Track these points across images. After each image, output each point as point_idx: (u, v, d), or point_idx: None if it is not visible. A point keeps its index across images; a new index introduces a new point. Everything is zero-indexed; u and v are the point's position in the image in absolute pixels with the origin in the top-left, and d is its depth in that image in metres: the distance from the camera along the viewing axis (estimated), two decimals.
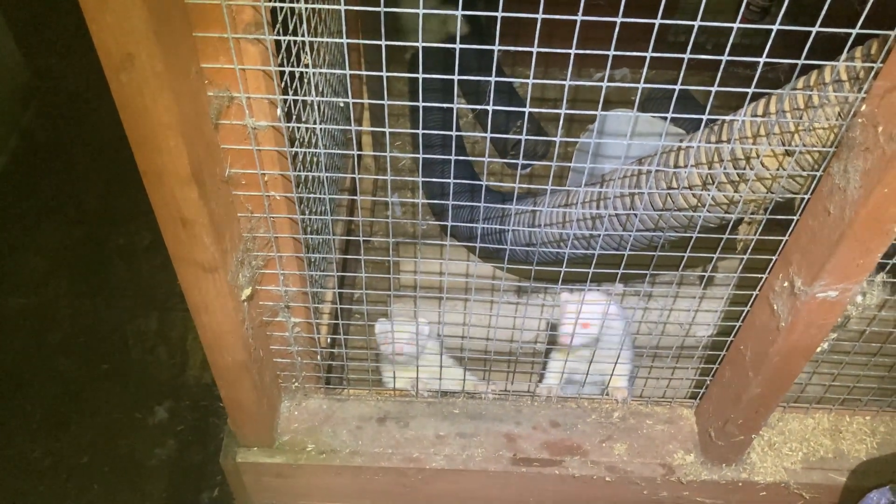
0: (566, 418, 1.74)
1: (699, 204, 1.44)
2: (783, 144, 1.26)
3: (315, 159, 1.58)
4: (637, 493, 1.69)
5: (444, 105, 1.32)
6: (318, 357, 1.65)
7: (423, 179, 1.19)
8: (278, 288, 1.44)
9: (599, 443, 1.69)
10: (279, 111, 1.17)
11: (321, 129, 1.60)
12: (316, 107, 1.16)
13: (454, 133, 1.12)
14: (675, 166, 1.47)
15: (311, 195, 1.30)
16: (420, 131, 1.13)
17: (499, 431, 1.71)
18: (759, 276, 1.39)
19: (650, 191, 1.51)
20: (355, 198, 1.25)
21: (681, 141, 1.55)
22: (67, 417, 2.47)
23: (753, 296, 1.42)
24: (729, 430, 1.56)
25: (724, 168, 1.35)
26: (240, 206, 1.27)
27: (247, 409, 1.56)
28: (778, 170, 1.30)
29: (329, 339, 1.88)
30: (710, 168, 1.39)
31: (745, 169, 1.33)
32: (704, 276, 1.51)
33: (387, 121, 1.10)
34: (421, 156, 1.18)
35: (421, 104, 1.08)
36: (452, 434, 1.70)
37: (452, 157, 1.17)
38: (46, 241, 3.00)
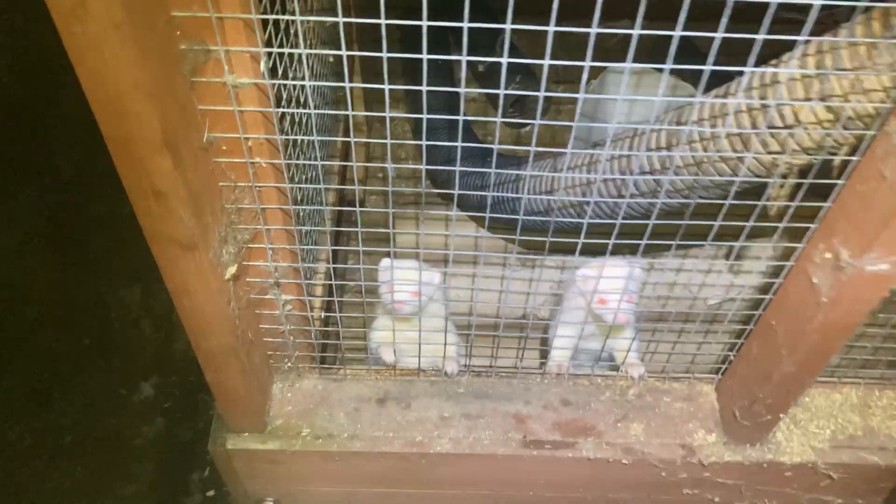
0: (578, 396, 1.62)
1: (737, 164, 1.30)
2: (828, 100, 1.12)
3: (304, 121, 1.44)
4: (655, 476, 1.58)
5: (444, 57, 1.17)
6: (312, 335, 1.52)
7: (428, 143, 1.05)
8: (267, 264, 1.31)
9: (614, 422, 1.59)
10: (263, 66, 1.03)
11: (311, 86, 1.45)
12: (305, 61, 1.01)
13: (462, 89, 0.98)
14: (707, 123, 1.34)
15: (301, 161, 1.16)
16: (423, 88, 0.98)
17: (507, 412, 1.60)
18: (794, 245, 1.27)
19: (681, 153, 1.37)
20: (349, 164, 1.12)
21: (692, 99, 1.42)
22: (48, 396, 2.35)
23: (787, 267, 1.30)
24: (756, 409, 1.45)
25: (768, 122, 1.21)
26: (221, 175, 1.13)
27: (235, 394, 1.44)
28: (821, 128, 1.16)
29: (323, 316, 1.75)
30: (749, 123, 1.25)
31: (785, 128, 1.20)
32: (734, 245, 1.38)
33: (386, 79, 0.96)
34: (425, 116, 1.04)
35: (424, 55, 0.94)
36: (457, 415, 1.59)
37: (461, 118, 1.03)
38: (21, 210, 2.85)
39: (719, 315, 1.89)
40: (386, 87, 0.95)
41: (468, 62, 0.90)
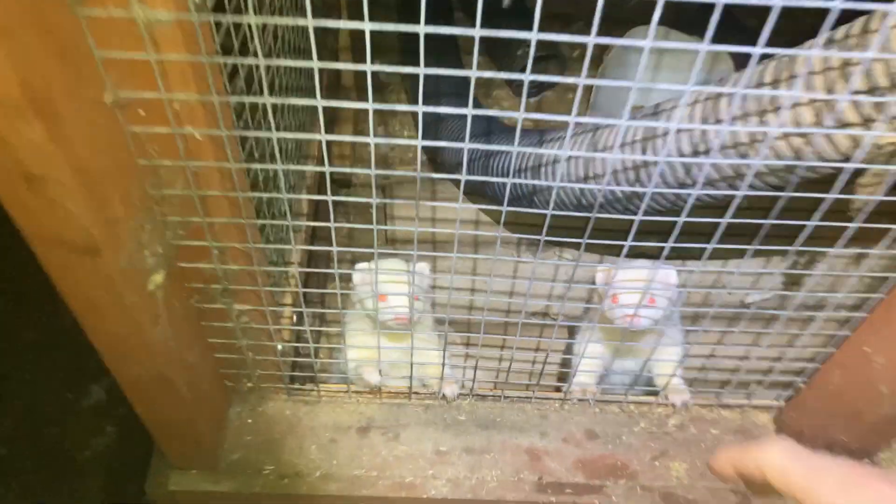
0: (607, 427, 1.32)
1: (805, 143, 0.99)
2: None
3: (271, 74, 1.11)
4: None
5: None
6: (277, 351, 1.21)
7: (423, 109, 0.74)
8: (211, 266, 0.99)
9: (651, 460, 1.28)
10: None
11: (270, 25, 1.12)
12: None
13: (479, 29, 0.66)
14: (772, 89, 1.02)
15: (257, 133, 0.84)
16: (422, 27, 0.67)
17: (518, 445, 1.29)
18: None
19: (734, 127, 1.05)
20: (333, 137, 0.80)
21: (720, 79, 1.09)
22: None
23: (890, 281, 1.00)
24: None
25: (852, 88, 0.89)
26: (139, 148, 0.81)
27: (175, 429, 1.14)
28: None
29: (295, 322, 1.44)
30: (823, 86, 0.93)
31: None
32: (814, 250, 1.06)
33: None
34: (422, 70, 0.72)
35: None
36: (457, 449, 1.28)
37: (473, 72, 0.71)
38: None
39: (761, 315, 1.58)
40: (369, 69, 0.63)
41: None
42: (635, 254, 1.21)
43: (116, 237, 0.78)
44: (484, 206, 1.91)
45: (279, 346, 1.22)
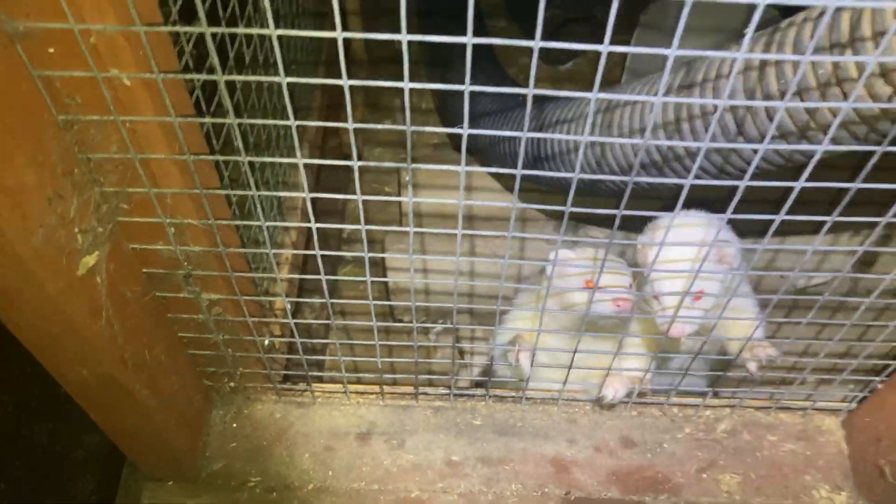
0: (645, 433, 1.14)
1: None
2: None
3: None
4: None
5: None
6: (263, 345, 1.04)
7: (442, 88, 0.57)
8: (169, 247, 0.83)
9: (697, 472, 1.10)
10: None
11: None
12: None
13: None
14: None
15: (207, 77, 0.66)
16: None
17: (542, 455, 1.12)
18: None
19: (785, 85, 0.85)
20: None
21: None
22: None
23: None
24: None
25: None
26: (56, 99, 0.65)
27: (138, 436, 0.98)
28: None
29: (290, 306, 1.27)
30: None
31: None
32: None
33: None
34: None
35: None
36: (471, 459, 1.11)
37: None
38: None
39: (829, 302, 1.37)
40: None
41: None
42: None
43: (22, 210, 0.61)
44: (497, 170, 1.73)
45: (266, 341, 1.05)
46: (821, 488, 1.09)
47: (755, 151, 0.92)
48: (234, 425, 1.14)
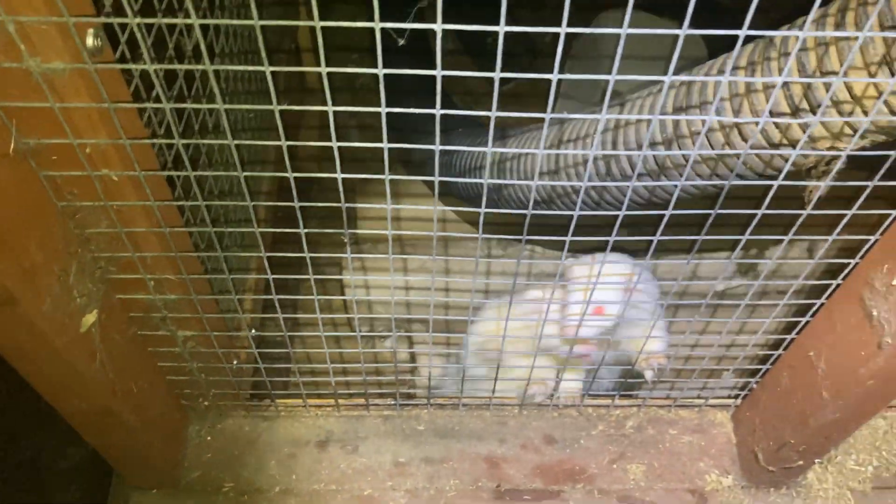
0: (565, 431, 1.33)
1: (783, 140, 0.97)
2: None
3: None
4: None
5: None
6: (231, 369, 1.21)
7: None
8: (150, 296, 0.99)
9: (609, 464, 1.29)
10: (91, 41, 0.69)
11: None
12: None
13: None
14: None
15: (174, 175, 0.82)
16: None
17: (477, 454, 1.30)
18: (843, 261, 0.95)
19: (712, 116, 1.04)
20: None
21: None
22: None
23: (832, 286, 1.00)
24: (784, 454, 1.16)
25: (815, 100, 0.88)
26: (56, 192, 0.81)
27: (128, 455, 1.14)
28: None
29: (254, 328, 1.43)
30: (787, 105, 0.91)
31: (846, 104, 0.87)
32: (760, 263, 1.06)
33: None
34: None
35: None
36: (416, 460, 1.29)
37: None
38: None
39: (727, 305, 1.58)
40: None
41: None
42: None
43: (34, 285, 0.78)
44: (461, 209, 1.90)
45: (234, 365, 1.22)
46: (712, 473, 1.29)
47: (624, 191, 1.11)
48: (209, 438, 1.30)
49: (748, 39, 0.94)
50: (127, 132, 0.76)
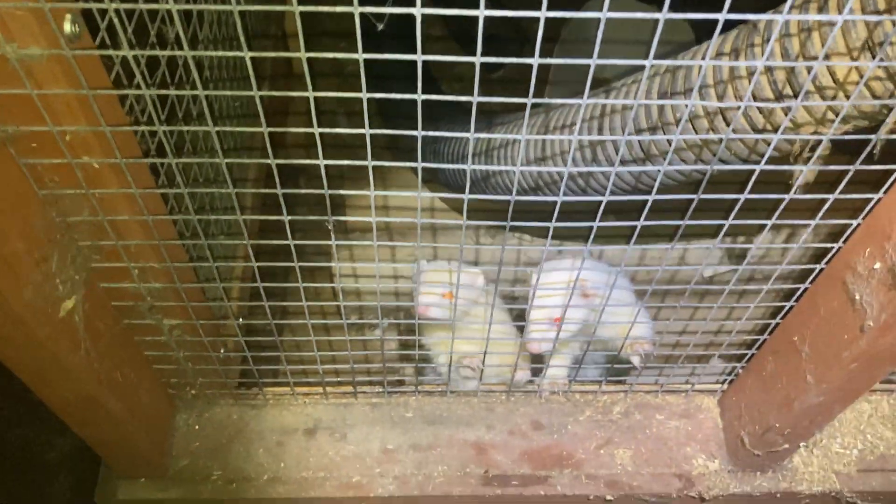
0: (552, 417, 1.33)
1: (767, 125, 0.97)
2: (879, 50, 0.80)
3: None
4: None
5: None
6: (218, 358, 1.21)
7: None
8: (134, 285, 0.99)
9: (596, 449, 1.30)
10: (68, 27, 0.69)
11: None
12: None
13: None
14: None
15: (180, 160, 0.82)
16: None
17: (465, 440, 1.30)
18: (825, 245, 0.96)
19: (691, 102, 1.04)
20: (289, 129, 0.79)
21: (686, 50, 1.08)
22: None
23: (816, 270, 1.00)
24: (770, 438, 1.17)
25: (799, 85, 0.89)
26: (38, 179, 0.81)
27: (116, 444, 1.14)
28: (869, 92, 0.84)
29: (242, 316, 1.43)
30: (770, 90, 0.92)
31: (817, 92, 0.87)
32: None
33: None
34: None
35: None
36: (404, 446, 1.29)
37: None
38: None
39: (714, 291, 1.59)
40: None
41: None
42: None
43: (15, 273, 0.77)
44: (446, 195, 1.90)
45: (221, 354, 1.22)
46: (699, 457, 1.29)
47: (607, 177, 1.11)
48: (197, 427, 1.30)
49: (732, 25, 0.95)
50: (107, 119, 0.76)
